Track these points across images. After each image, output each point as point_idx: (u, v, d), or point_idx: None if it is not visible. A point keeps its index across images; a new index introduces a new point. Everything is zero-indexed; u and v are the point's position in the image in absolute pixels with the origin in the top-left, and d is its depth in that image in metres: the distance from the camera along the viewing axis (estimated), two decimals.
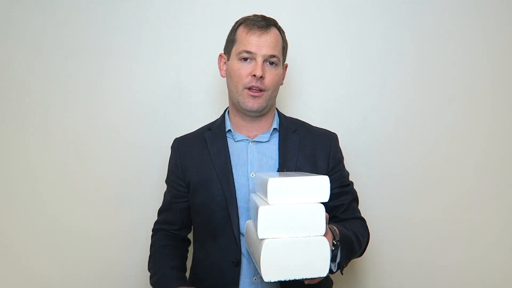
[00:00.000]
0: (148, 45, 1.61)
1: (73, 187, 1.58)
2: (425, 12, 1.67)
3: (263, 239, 0.94)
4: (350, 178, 1.37)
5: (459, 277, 1.66)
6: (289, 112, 1.50)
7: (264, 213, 0.94)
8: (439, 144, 1.66)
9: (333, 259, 1.13)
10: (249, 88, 1.23)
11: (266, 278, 0.94)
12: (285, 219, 0.94)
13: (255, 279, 1.21)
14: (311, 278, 0.98)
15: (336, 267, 1.15)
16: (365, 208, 1.39)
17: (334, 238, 1.10)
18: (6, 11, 1.57)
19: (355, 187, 1.37)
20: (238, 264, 1.21)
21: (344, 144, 1.39)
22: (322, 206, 0.97)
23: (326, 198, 0.96)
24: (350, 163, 1.41)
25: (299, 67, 1.60)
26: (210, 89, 1.63)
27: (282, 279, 0.94)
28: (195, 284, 1.26)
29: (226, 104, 1.53)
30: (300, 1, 1.65)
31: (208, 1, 1.63)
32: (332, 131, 1.38)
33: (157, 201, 1.40)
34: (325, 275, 0.95)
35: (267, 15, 1.29)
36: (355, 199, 1.35)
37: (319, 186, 0.96)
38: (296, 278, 0.95)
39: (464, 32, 1.67)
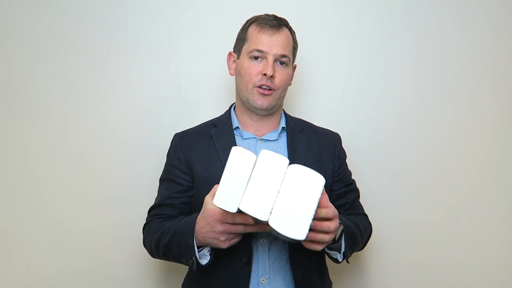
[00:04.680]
0: (148, 45, 1.61)
1: (73, 187, 1.57)
2: (426, 12, 1.68)
3: (267, 220, 0.94)
4: (352, 178, 1.40)
5: (459, 277, 1.67)
6: (292, 112, 1.51)
7: (246, 205, 0.94)
8: (440, 144, 1.68)
9: (338, 249, 1.15)
10: (259, 87, 1.23)
11: (303, 236, 0.93)
12: (261, 189, 0.94)
13: (263, 280, 1.20)
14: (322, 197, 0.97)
15: (341, 257, 1.17)
16: (366, 208, 1.41)
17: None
18: (6, 11, 1.56)
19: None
20: (249, 262, 1.19)
21: (346, 144, 1.40)
22: (265, 150, 0.97)
23: (253, 156, 0.95)
24: (352, 163, 1.43)
25: (301, 68, 1.61)
26: (210, 89, 1.63)
27: (311, 221, 0.93)
28: (199, 285, 1.25)
29: (226, 103, 1.54)
30: (302, 1, 1.65)
31: (208, 1, 1.63)
32: (334, 131, 1.40)
33: None
34: (323, 179, 0.94)
35: None
36: (358, 196, 1.38)
37: (242, 157, 0.95)
38: (314, 205, 0.93)
39: (464, 32, 1.69)
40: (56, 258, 1.57)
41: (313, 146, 1.31)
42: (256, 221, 1.01)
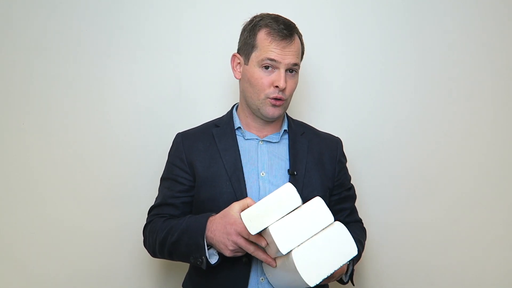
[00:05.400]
0: (148, 45, 1.61)
1: (73, 187, 1.57)
2: (426, 12, 1.68)
3: (289, 252, 0.98)
4: (352, 180, 1.41)
5: (459, 277, 1.67)
6: (292, 114, 1.51)
7: (276, 230, 0.99)
8: (440, 145, 1.68)
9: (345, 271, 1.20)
10: (271, 98, 1.23)
11: (312, 283, 0.97)
12: (296, 226, 0.99)
13: (262, 279, 1.20)
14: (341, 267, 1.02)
15: (347, 278, 1.22)
16: (366, 209, 1.41)
17: None
18: (6, 11, 1.56)
19: (356, 188, 1.41)
20: (248, 262, 1.19)
21: (346, 145, 1.41)
22: (319, 199, 1.03)
23: (299, 201, 1.01)
24: (352, 164, 1.43)
25: (301, 69, 1.60)
26: (210, 89, 1.63)
27: (325, 276, 0.98)
28: (199, 284, 1.25)
29: (226, 103, 1.54)
30: (302, 3, 1.65)
31: (208, 1, 1.63)
32: (334, 132, 1.41)
33: None
34: (356, 253, 1.01)
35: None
36: (355, 201, 1.40)
37: (290, 196, 1.02)
38: (335, 269, 0.99)
39: (464, 33, 1.69)
40: (56, 258, 1.56)
41: (314, 149, 1.31)
42: (266, 249, 1.07)
